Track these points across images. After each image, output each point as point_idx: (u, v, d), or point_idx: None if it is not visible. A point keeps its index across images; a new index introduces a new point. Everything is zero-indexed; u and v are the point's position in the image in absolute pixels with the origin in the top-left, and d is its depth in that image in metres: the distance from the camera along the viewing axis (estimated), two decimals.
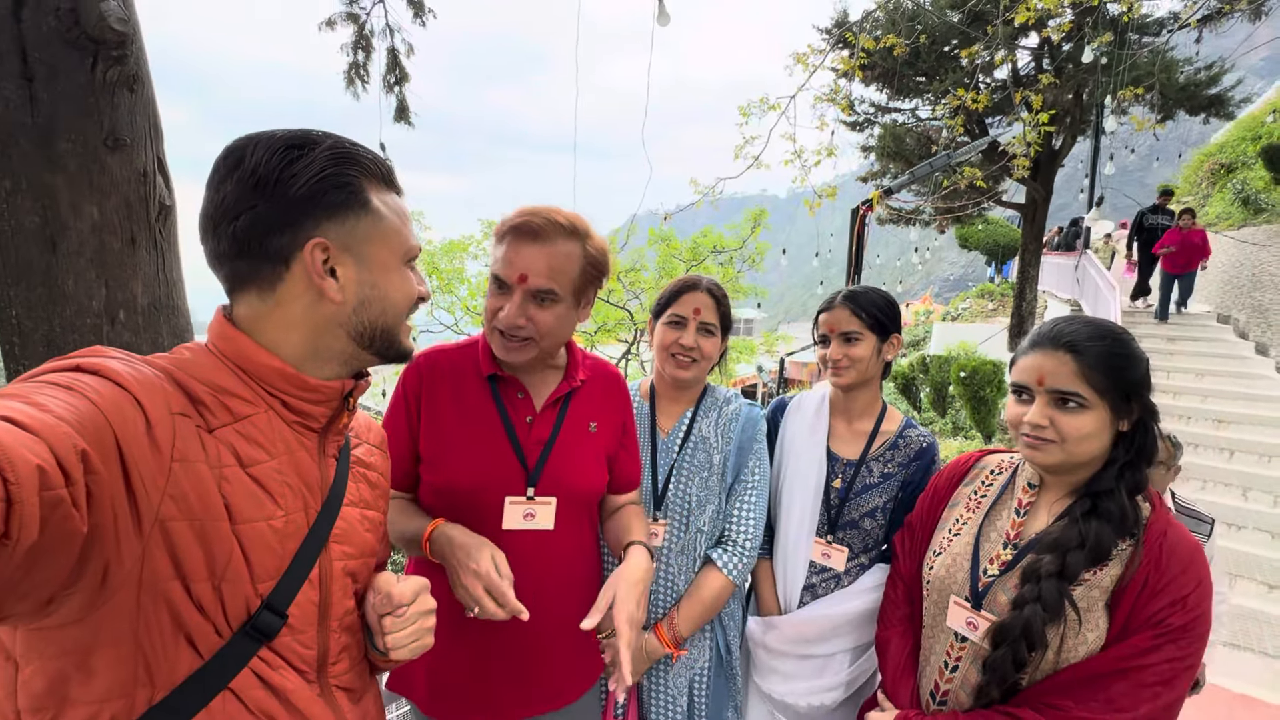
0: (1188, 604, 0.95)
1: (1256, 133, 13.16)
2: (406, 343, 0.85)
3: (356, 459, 0.89)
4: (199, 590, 0.66)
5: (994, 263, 18.11)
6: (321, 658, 0.79)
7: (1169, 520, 1.03)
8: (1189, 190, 16.00)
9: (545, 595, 1.19)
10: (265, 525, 0.71)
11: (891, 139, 10.82)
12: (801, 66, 7.30)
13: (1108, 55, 6.27)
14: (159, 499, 0.62)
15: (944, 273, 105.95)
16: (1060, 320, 1.10)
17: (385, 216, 0.77)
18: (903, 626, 1.29)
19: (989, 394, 8.25)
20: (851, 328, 1.51)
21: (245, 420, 0.72)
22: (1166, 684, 0.94)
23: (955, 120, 7.65)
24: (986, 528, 1.18)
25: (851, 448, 1.58)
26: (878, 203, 4.17)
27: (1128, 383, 1.02)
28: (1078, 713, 0.96)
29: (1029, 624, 1.00)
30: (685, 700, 1.48)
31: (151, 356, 0.70)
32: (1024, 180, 9.19)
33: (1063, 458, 1.05)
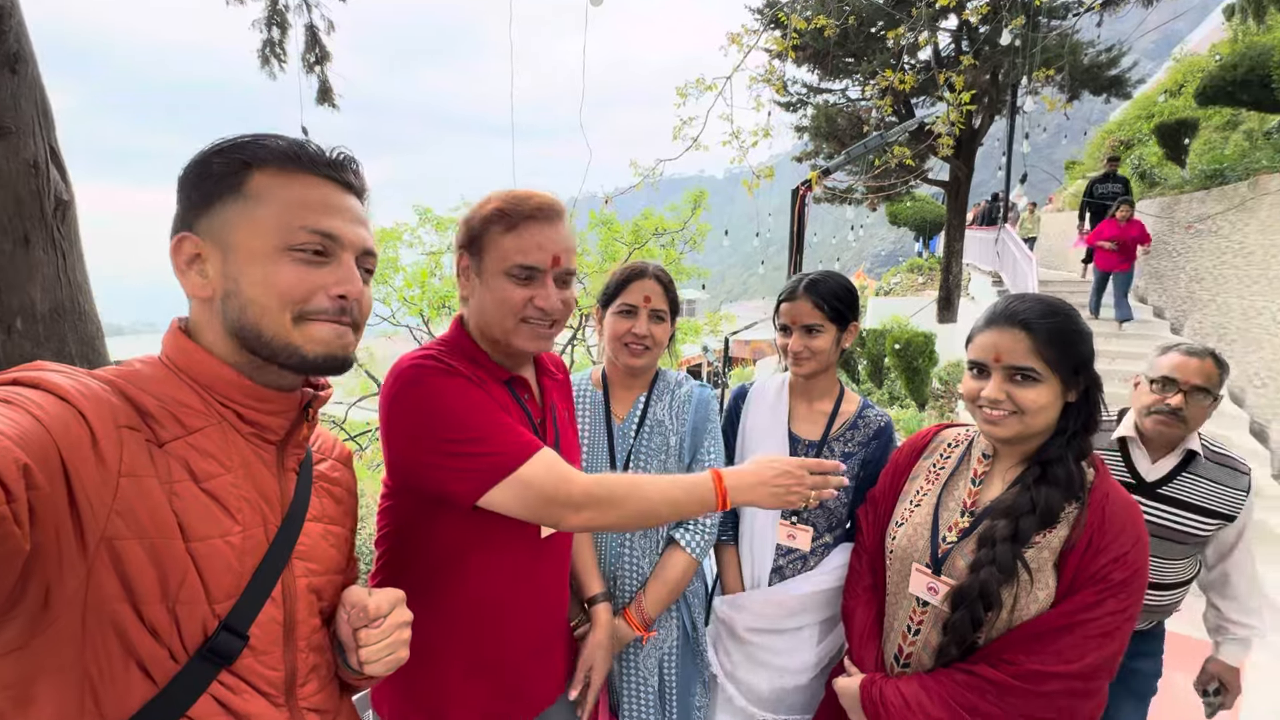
0: (1128, 560, 1.02)
1: (1150, 111, 14.22)
2: (304, 347, 0.72)
3: (320, 474, 0.85)
4: (152, 613, 0.62)
5: (922, 238, 18.94)
6: (289, 679, 0.75)
7: (1110, 483, 1.10)
8: (1093, 166, 17.16)
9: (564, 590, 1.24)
10: (222, 542, 0.67)
11: (824, 119, 11.06)
12: (736, 47, 7.34)
13: (1021, 38, 6.58)
14: (105, 516, 0.58)
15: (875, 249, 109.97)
16: (1013, 298, 1.14)
17: (262, 200, 0.69)
18: (867, 596, 1.34)
19: (921, 364, 8.66)
20: (813, 320, 1.53)
21: (198, 433, 0.68)
22: (1109, 635, 1.01)
23: (884, 101, 7.90)
24: (945, 497, 1.24)
25: (813, 429, 1.62)
26: (816, 183, 4.27)
27: (1076, 356, 1.08)
28: (1030, 665, 1.02)
29: (985, 586, 1.06)
30: (656, 680, 1.50)
31: (98, 370, 0.66)
32: (948, 158, 9.63)
33: (1019, 429, 1.10)
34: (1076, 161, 18.95)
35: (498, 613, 1.11)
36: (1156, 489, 1.70)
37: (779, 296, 1.63)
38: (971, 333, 1.18)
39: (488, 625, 1.11)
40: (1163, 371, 1.68)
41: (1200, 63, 13.32)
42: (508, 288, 1.06)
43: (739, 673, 1.60)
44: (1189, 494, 1.68)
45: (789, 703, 1.57)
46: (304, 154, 0.72)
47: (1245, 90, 7.75)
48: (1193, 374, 1.64)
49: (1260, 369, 6.06)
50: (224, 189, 0.69)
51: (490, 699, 1.13)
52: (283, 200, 0.70)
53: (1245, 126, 9.67)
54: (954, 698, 1.07)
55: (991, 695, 1.04)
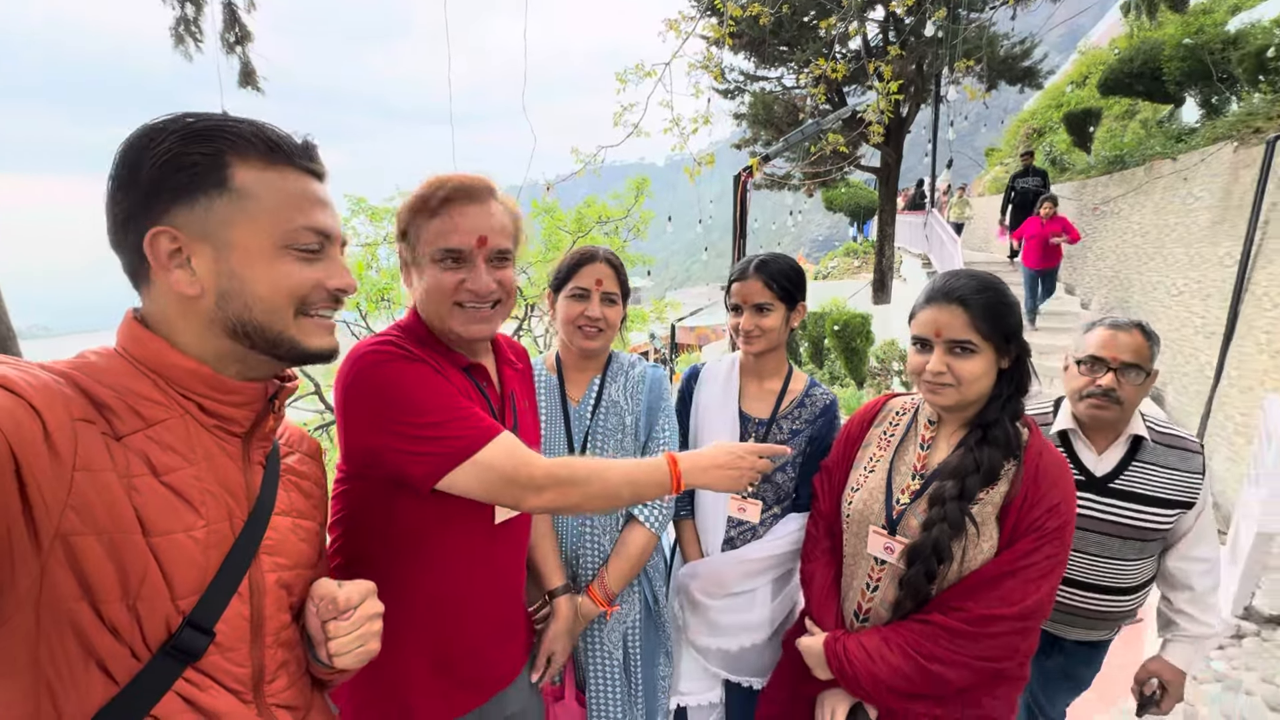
0: (1059, 510, 1.13)
1: (1059, 101, 15.18)
2: (306, 340, 0.74)
3: (288, 467, 0.84)
4: (111, 611, 0.60)
5: (856, 223, 19.63)
6: (257, 676, 0.74)
7: (1042, 441, 1.21)
8: (1009, 153, 18.19)
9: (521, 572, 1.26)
10: (185, 536, 0.65)
11: (761, 106, 11.28)
12: (674, 34, 7.37)
13: (943, 30, 6.90)
14: (59, 511, 0.56)
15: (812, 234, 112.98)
16: (949, 276, 1.23)
17: (254, 196, 0.69)
18: (825, 559, 1.41)
19: (859, 344, 9.04)
20: (764, 299, 1.59)
21: (158, 425, 0.66)
22: (1045, 577, 1.12)
23: (818, 89, 8.11)
24: (897, 462, 1.32)
25: (762, 407, 1.68)
26: (756, 169, 4.37)
27: (1007, 327, 1.18)
28: (978, 610, 1.12)
29: (938, 541, 1.15)
30: (620, 654, 1.55)
31: (50, 362, 0.63)
32: (879, 145, 9.98)
33: (959, 398, 1.19)
34: (995, 148, 20.03)
35: (455, 596, 1.12)
36: (1108, 484, 1.57)
37: (730, 277, 1.68)
38: (913, 310, 1.26)
39: (446, 608, 1.12)
40: (1089, 350, 1.56)
41: (1102, 56, 14.30)
42: (437, 273, 1.05)
43: (699, 638, 1.68)
44: (1143, 485, 1.54)
45: (748, 663, 1.66)
46: (282, 144, 0.71)
47: (1140, 82, 8.40)
48: (1121, 350, 1.52)
49: None
50: (207, 182, 0.67)
51: (449, 681, 1.14)
52: (275, 197, 0.70)
53: (1141, 116, 10.48)
54: (912, 645, 1.15)
55: (945, 640, 1.13)
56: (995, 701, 1.19)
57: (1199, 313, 5.85)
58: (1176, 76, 7.49)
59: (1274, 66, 6.18)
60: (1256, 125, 5.80)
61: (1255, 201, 5.07)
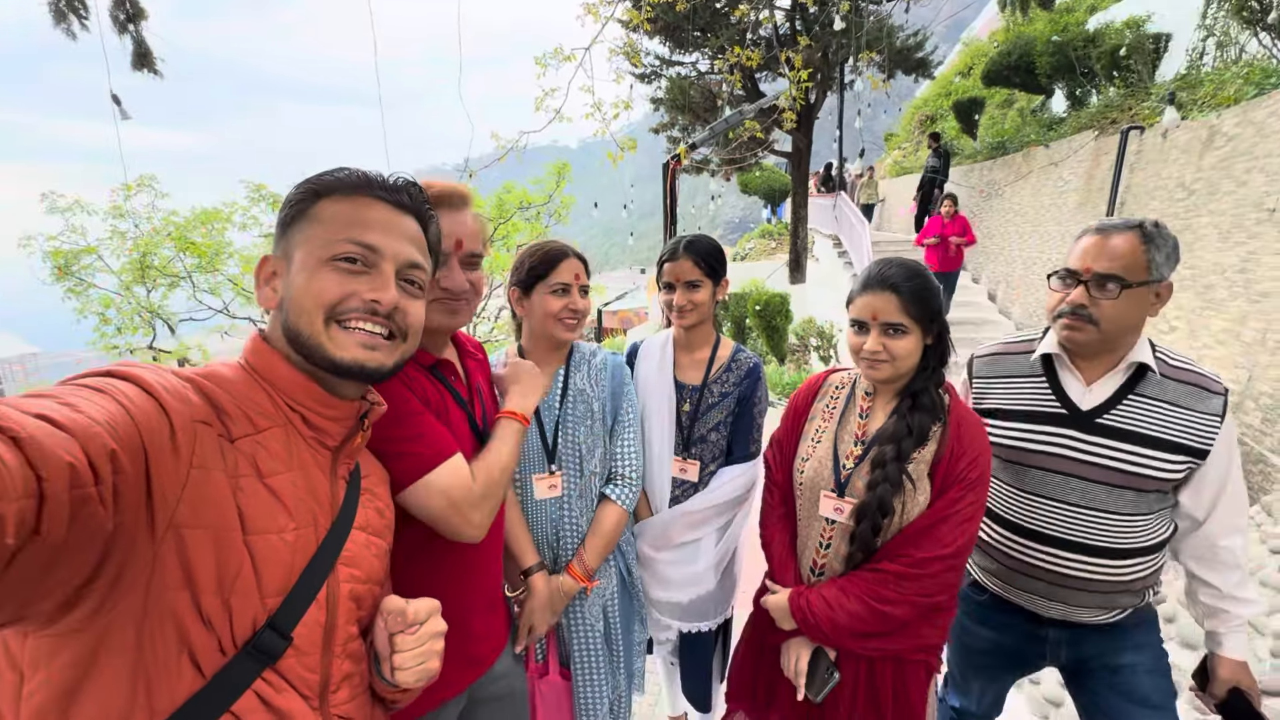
0: (979, 461, 1.31)
1: (948, 90, 16.36)
2: (334, 351, 0.78)
3: (366, 487, 0.89)
4: (208, 602, 0.65)
5: (770, 206, 20.33)
6: (324, 684, 0.77)
7: (960, 404, 1.39)
8: (906, 138, 19.45)
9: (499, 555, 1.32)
10: (277, 538, 0.70)
11: (679, 91, 11.42)
12: (593, 18, 7.34)
13: (848, 21, 7.29)
14: (175, 503, 0.61)
15: (728, 216, 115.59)
16: (882, 265, 1.39)
17: (319, 220, 0.79)
18: (781, 524, 1.57)
19: (779, 322, 9.46)
20: (694, 276, 1.74)
21: (265, 432, 0.73)
22: (970, 520, 1.30)
23: (734, 76, 8.35)
24: (840, 432, 1.48)
25: (694, 374, 1.84)
26: (685, 156, 4.50)
27: (931, 309, 1.34)
28: (919, 554, 1.29)
29: (882, 499, 1.31)
30: (601, 625, 1.66)
31: (183, 369, 0.69)
32: (791, 131, 10.41)
33: (893, 372, 1.36)
34: (893, 134, 21.32)
35: (440, 579, 1.17)
36: (1094, 418, 1.36)
37: (661, 257, 1.82)
38: (851, 295, 1.42)
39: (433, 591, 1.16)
40: (1066, 262, 1.37)
41: (983, 48, 15.52)
42: None
43: (652, 591, 1.84)
44: (1140, 421, 1.32)
45: (697, 610, 1.83)
46: (366, 180, 0.81)
47: (1017, 74, 9.22)
48: (1094, 258, 1.31)
49: (1035, 308, 7.42)
50: (297, 215, 0.79)
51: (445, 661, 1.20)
52: (336, 219, 0.79)
53: (1019, 105, 11.52)
54: (866, 592, 1.32)
55: (893, 583, 1.31)
56: (933, 630, 1.39)
57: None
58: (1046, 70, 8.29)
59: (1126, 64, 6.99)
60: (1113, 117, 6.57)
61: (1113, 185, 5.77)
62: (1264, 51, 5.17)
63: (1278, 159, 3.83)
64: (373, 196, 0.82)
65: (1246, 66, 5.09)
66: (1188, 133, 4.91)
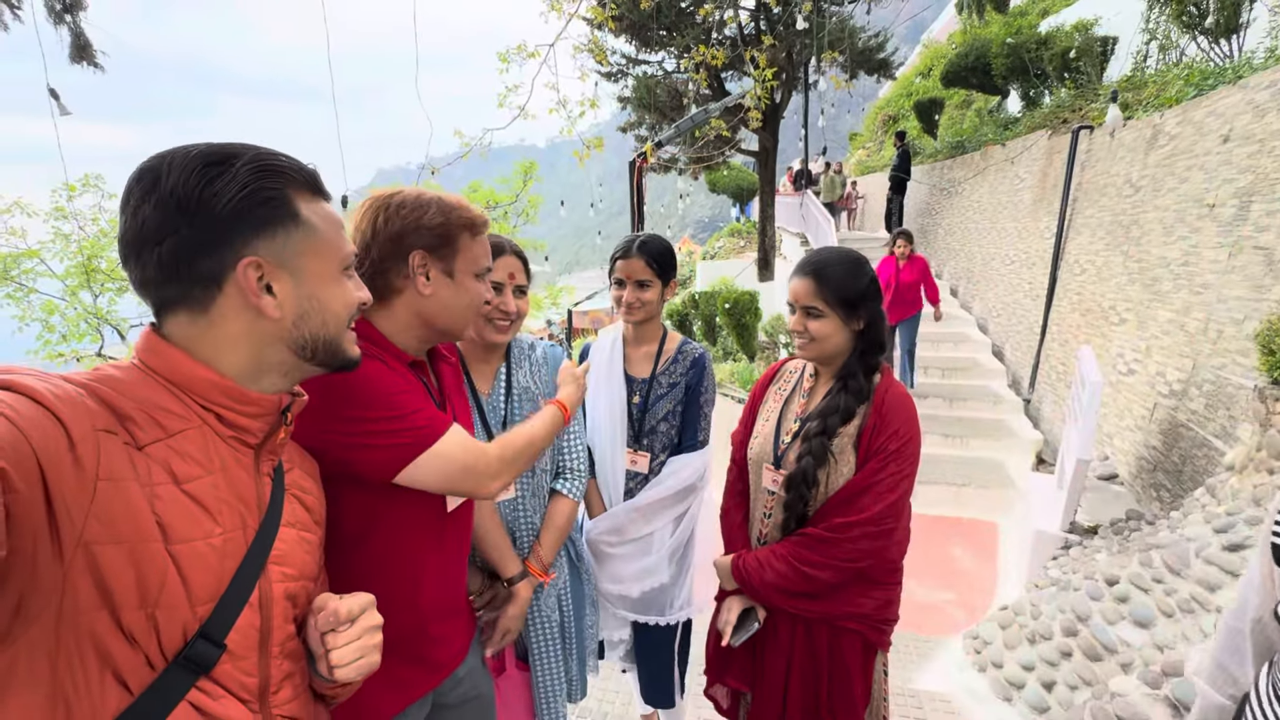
0: (900, 433, 1.39)
1: (909, 90, 16.73)
2: (352, 350, 0.85)
3: (292, 481, 0.85)
4: (130, 619, 0.60)
5: (738, 204, 20.50)
6: (263, 686, 0.74)
7: (891, 382, 1.47)
8: (870, 137, 19.84)
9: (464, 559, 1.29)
10: (204, 544, 0.66)
11: (645, 90, 11.42)
12: (556, 14, 7.29)
13: (810, 21, 7.39)
14: (83, 521, 0.56)
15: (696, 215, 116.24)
16: (814, 252, 1.50)
17: (317, 228, 0.77)
18: (738, 501, 1.66)
19: (748, 320, 9.54)
20: (645, 276, 1.77)
21: (178, 436, 0.68)
22: (891, 489, 1.38)
23: (699, 74, 8.38)
24: (785, 411, 1.58)
25: (643, 368, 1.87)
26: (650, 154, 4.49)
27: (852, 295, 1.42)
28: (838, 520, 1.38)
29: (806, 471, 1.42)
30: (557, 615, 1.66)
31: (70, 373, 0.62)
32: (757, 130, 10.51)
33: (816, 352, 1.47)
34: (856, 133, 21.71)
35: (407, 583, 1.15)
36: None
37: (614, 254, 1.84)
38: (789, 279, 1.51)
39: (399, 596, 1.13)
40: None
41: (942, 50, 15.91)
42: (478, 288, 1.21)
43: (605, 585, 1.85)
44: None
45: (651, 603, 1.84)
46: (316, 179, 0.79)
47: (974, 75, 9.47)
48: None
49: (995, 303, 7.65)
50: (283, 216, 0.74)
51: (402, 666, 1.16)
52: (327, 227, 0.79)
53: (976, 106, 11.84)
54: (789, 553, 1.43)
55: (816, 546, 1.39)
56: (865, 599, 1.46)
57: (1027, 279, 6.80)
58: (1002, 71, 8.53)
59: (1075, 66, 7.24)
60: (1064, 116, 6.80)
61: (1065, 182, 5.97)
62: (1202, 54, 5.41)
63: (1215, 157, 4.01)
64: (324, 197, 0.80)
65: (1186, 69, 5.32)
66: (1133, 132, 5.10)
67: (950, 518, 5.29)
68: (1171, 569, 2.55)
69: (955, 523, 5.23)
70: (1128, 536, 3.40)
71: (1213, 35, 5.22)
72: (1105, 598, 2.70)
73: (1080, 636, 2.64)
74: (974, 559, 4.69)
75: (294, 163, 0.77)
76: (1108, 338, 5.07)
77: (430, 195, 1.15)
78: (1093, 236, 5.54)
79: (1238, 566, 2.31)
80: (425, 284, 1.14)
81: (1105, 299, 5.19)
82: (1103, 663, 2.49)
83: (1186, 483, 3.74)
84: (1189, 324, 4.03)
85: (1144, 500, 4.18)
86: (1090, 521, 3.92)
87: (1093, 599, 2.75)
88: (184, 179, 0.67)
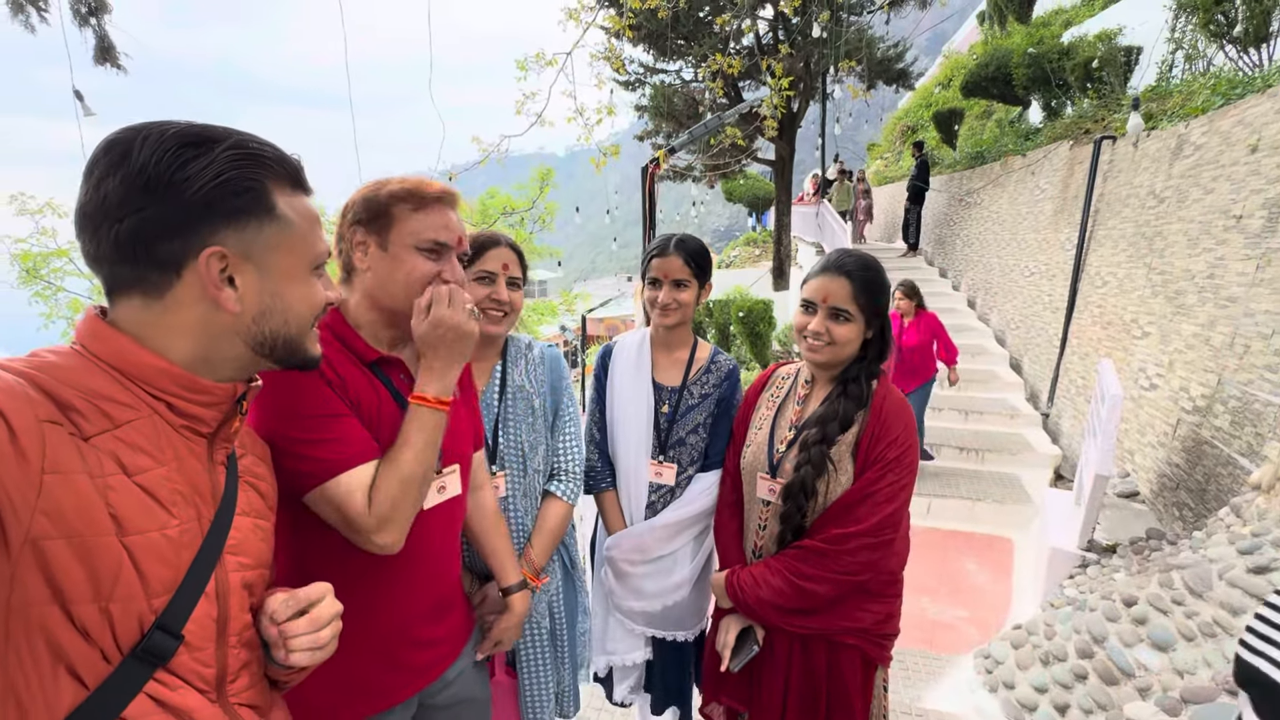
0: (898, 441, 1.34)
1: (928, 100, 16.61)
2: (313, 349, 0.82)
3: (244, 468, 0.83)
4: (82, 612, 0.59)
5: (754, 213, 20.47)
6: (220, 676, 0.73)
7: (889, 389, 1.43)
8: (888, 148, 19.72)
9: (453, 555, 1.27)
10: (159, 535, 0.65)
11: (662, 99, 11.47)
12: (574, 23, 7.35)
13: (828, 31, 7.37)
14: (29, 516, 0.54)
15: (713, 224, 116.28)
16: (840, 253, 1.43)
17: (293, 223, 0.74)
18: (731, 511, 1.61)
19: (762, 329, 9.48)
20: (682, 275, 1.70)
21: (126, 426, 0.65)
22: (889, 500, 1.33)
23: (716, 83, 8.40)
24: (779, 418, 1.53)
25: (673, 375, 1.80)
26: (663, 161, 4.50)
27: (877, 303, 1.39)
28: (835, 531, 1.34)
29: (804, 480, 1.37)
30: (548, 621, 1.61)
31: (6, 361, 0.60)
32: (773, 139, 10.49)
33: (831, 356, 1.40)
34: (875, 143, 21.59)
35: (385, 580, 1.12)
36: None
37: (649, 252, 1.77)
38: (807, 276, 1.45)
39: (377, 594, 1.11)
40: None
41: (963, 60, 15.77)
42: (422, 263, 1.11)
43: (624, 602, 1.79)
44: None
45: (672, 619, 1.79)
46: (300, 172, 0.76)
47: (995, 86, 9.38)
48: None
49: (1013, 315, 7.51)
50: (257, 208, 0.71)
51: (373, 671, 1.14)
52: (303, 223, 0.76)
53: (997, 116, 11.70)
54: (788, 568, 1.38)
55: (813, 559, 1.35)
56: (864, 613, 1.40)
57: (1047, 291, 6.67)
58: (1023, 81, 8.43)
59: (1098, 76, 7.13)
60: (1086, 127, 6.69)
61: (1087, 194, 5.86)
62: (1230, 64, 5.29)
63: (1243, 167, 3.90)
64: (306, 192, 0.78)
65: (1213, 78, 5.21)
66: (1158, 142, 5.00)
67: (964, 533, 5.18)
68: (1193, 590, 2.45)
69: (969, 538, 5.11)
70: (1148, 556, 3.29)
71: (1241, 44, 5.10)
72: (1122, 619, 2.61)
73: (1096, 659, 2.55)
74: (988, 576, 4.58)
75: (278, 153, 0.74)
76: (1129, 351, 4.94)
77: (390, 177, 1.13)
78: (1115, 248, 5.42)
79: (1263, 590, 2.22)
80: (363, 258, 1.12)
81: (1127, 312, 5.07)
82: (1119, 686, 2.40)
83: (1210, 502, 3.62)
84: (1214, 338, 3.92)
85: (1166, 519, 4.05)
86: (1109, 540, 3.81)
87: (1109, 620, 2.65)
88: (156, 157, 0.64)
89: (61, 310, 8.82)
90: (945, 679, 3.21)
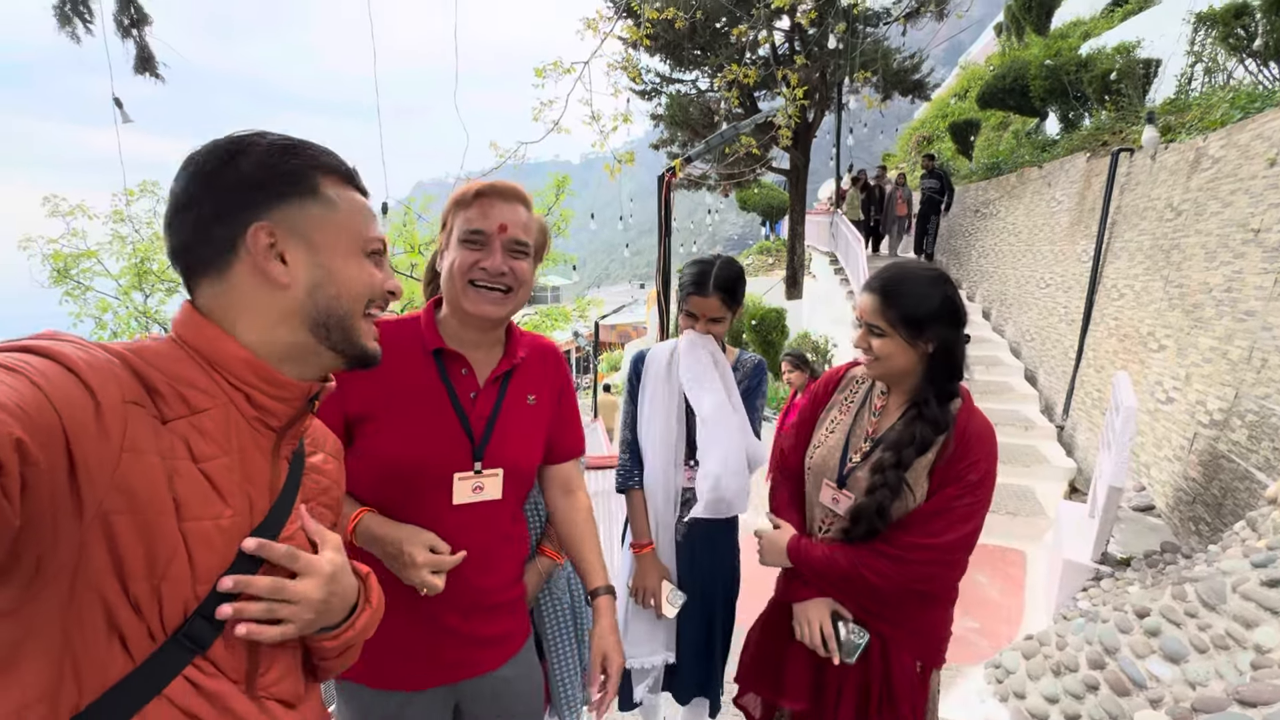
0: (979, 465, 1.32)
1: (944, 111, 16.57)
2: (368, 343, 0.81)
3: (311, 465, 0.85)
4: (137, 589, 0.62)
5: (768, 222, 20.48)
6: (251, 668, 0.75)
7: (972, 410, 1.39)
8: (903, 158, 19.67)
9: (491, 558, 1.26)
10: (212, 524, 0.67)
11: (678, 108, 11.57)
12: (592, 32, 7.47)
13: (843, 42, 7.42)
14: (104, 489, 0.58)
15: (727, 233, 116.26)
16: (885, 268, 1.41)
17: (337, 205, 0.78)
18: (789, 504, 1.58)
19: (775, 338, 9.50)
20: (720, 314, 1.78)
21: (202, 414, 0.69)
22: (965, 520, 1.31)
23: (731, 93, 8.47)
24: (855, 427, 1.49)
25: None
26: (680, 170, 4.56)
27: (916, 316, 1.33)
28: (908, 539, 1.32)
29: (881, 505, 1.34)
30: (568, 597, 1.64)
31: (109, 343, 0.65)
32: (788, 149, 10.53)
33: (881, 370, 1.40)
34: (890, 153, 21.56)
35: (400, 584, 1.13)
36: None
37: (686, 289, 1.80)
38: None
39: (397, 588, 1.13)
40: None
41: (979, 72, 15.73)
42: (460, 253, 1.18)
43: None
44: None
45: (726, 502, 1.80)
46: (350, 171, 0.81)
47: (1011, 97, 9.35)
48: None
49: (1029, 327, 7.47)
50: (302, 188, 0.75)
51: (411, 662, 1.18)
52: (351, 209, 0.79)
53: (1014, 127, 11.66)
54: (856, 557, 1.36)
55: (885, 561, 1.33)
56: (925, 616, 1.43)
57: (1063, 303, 6.64)
58: (1040, 93, 8.41)
59: (1116, 88, 7.11)
60: (1104, 139, 6.66)
61: (1104, 206, 5.83)
62: (1250, 77, 5.27)
63: (1261, 180, 3.89)
64: (358, 189, 0.82)
65: (1232, 91, 5.19)
66: (1175, 155, 4.98)
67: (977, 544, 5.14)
68: (1206, 603, 2.44)
69: (981, 550, 5.03)
70: (1162, 569, 3.27)
71: (1262, 58, 5.08)
72: (1135, 630, 2.60)
73: (1108, 669, 2.55)
74: (1000, 587, 4.55)
75: (326, 151, 0.78)
76: (1146, 364, 4.91)
77: None
78: (1131, 261, 5.40)
79: (1276, 603, 2.21)
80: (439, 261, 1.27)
81: (1144, 325, 5.04)
82: (1130, 698, 2.40)
83: (1227, 516, 3.59)
84: (1232, 352, 3.89)
85: (1181, 533, 4.01)
86: (1124, 553, 3.78)
87: (1121, 631, 2.65)
88: (211, 154, 0.72)
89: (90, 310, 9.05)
90: (956, 689, 3.21)
